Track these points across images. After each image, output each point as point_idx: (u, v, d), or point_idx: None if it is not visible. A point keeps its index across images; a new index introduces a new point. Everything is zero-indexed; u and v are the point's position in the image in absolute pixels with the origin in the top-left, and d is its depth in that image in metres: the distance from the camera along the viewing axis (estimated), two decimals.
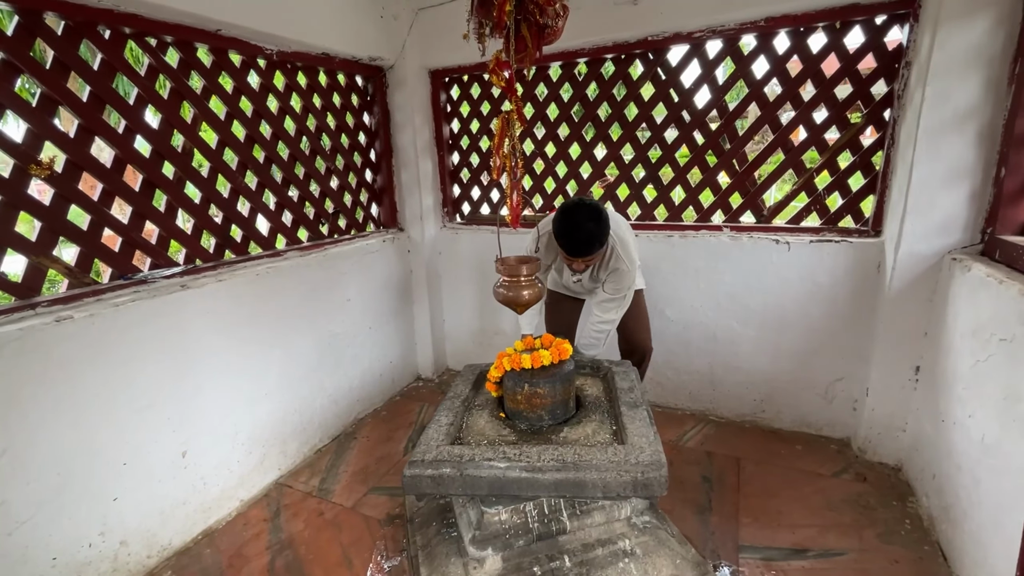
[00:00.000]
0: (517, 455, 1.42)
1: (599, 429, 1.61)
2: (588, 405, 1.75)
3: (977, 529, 1.50)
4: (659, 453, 1.41)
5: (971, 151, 1.81)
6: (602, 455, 1.40)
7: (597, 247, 1.84)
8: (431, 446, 1.51)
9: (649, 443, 1.45)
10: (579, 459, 1.39)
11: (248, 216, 2.29)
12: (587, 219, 1.80)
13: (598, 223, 1.81)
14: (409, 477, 1.43)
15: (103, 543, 1.67)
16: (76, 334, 1.57)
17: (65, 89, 1.64)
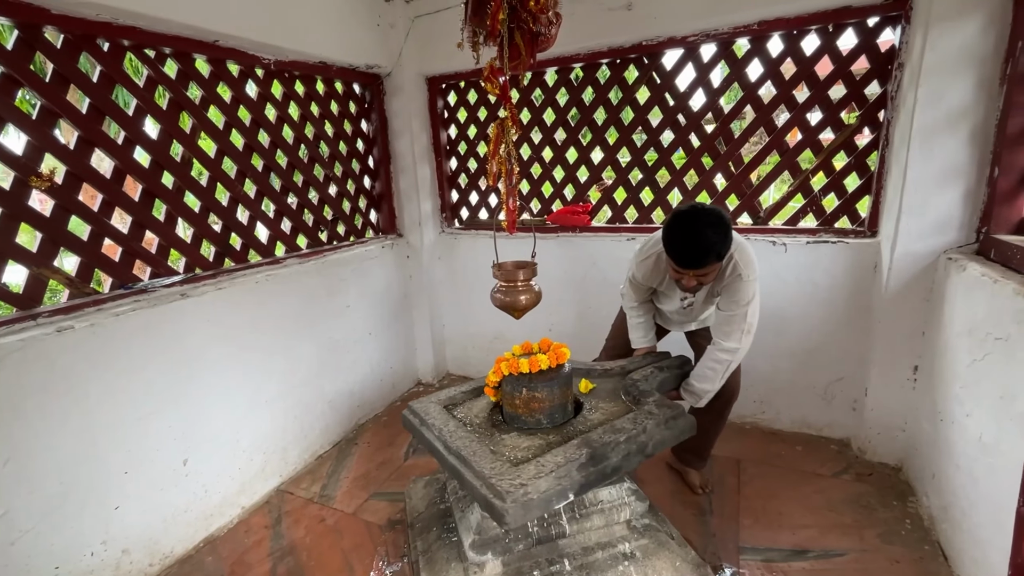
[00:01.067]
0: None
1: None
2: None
3: (976, 528, 1.50)
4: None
5: (964, 151, 1.82)
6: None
7: (715, 259, 1.60)
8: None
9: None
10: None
11: (247, 224, 2.30)
12: (707, 225, 1.57)
13: (720, 231, 1.57)
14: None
15: (105, 552, 1.68)
16: (78, 344, 1.58)
17: (65, 101, 1.66)
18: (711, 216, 1.58)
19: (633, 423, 1.48)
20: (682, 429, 1.52)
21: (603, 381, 1.88)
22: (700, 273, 1.64)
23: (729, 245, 1.60)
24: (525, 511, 1.22)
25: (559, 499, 1.28)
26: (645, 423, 1.46)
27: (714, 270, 1.66)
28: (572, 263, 2.81)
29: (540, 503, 1.24)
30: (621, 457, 1.38)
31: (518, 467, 1.35)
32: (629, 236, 2.66)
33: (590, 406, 1.69)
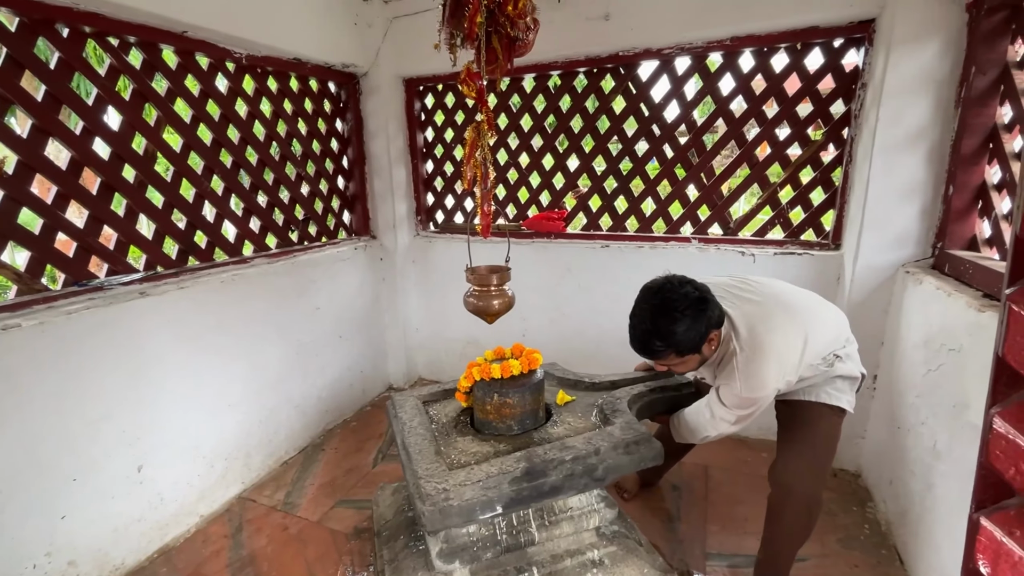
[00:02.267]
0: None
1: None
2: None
3: (930, 533, 1.55)
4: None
5: (922, 169, 1.90)
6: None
7: (663, 351, 1.37)
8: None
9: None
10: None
11: (213, 222, 2.23)
12: (663, 312, 1.33)
13: (667, 319, 1.32)
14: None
15: (49, 563, 1.58)
16: (24, 343, 1.49)
17: (19, 88, 1.58)
18: (664, 303, 1.33)
19: (586, 443, 1.47)
20: (643, 457, 1.43)
21: (586, 395, 1.88)
22: (660, 363, 1.45)
23: (695, 336, 1.33)
24: (443, 517, 1.22)
25: (484, 510, 1.27)
26: (599, 445, 1.45)
27: (683, 361, 1.42)
28: (546, 269, 2.81)
29: (461, 511, 1.24)
30: (563, 477, 1.36)
31: (452, 471, 1.35)
32: (603, 243, 2.68)
33: (558, 419, 1.68)
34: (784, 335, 1.41)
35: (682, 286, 1.37)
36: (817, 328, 1.45)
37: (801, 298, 1.53)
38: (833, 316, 1.54)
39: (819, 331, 1.46)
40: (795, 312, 1.46)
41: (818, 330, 1.45)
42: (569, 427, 1.64)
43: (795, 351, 1.41)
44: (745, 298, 1.51)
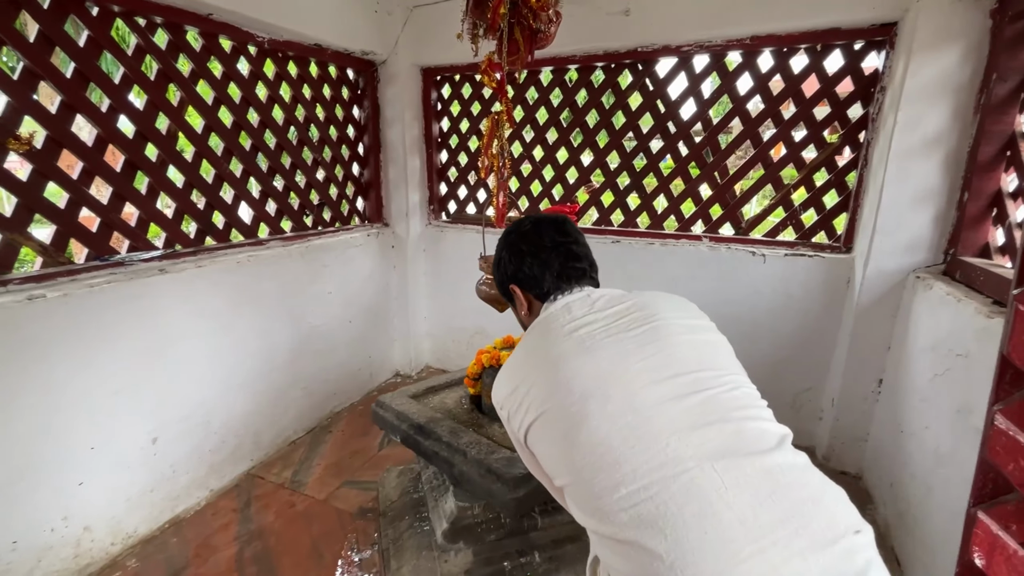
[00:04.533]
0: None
1: None
2: None
3: (928, 535, 1.57)
4: None
5: (937, 175, 1.90)
6: None
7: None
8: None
9: None
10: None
11: (231, 203, 2.27)
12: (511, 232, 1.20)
13: (504, 240, 1.19)
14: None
15: (66, 528, 1.64)
16: (48, 313, 1.54)
17: (49, 64, 1.61)
18: (512, 228, 1.18)
19: None
20: None
21: None
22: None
23: (501, 270, 1.17)
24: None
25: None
26: None
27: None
28: None
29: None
30: None
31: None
32: (614, 239, 2.69)
33: None
34: (525, 351, 1.00)
35: (530, 224, 1.16)
36: (562, 395, 0.86)
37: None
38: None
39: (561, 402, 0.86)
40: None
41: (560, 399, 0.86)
42: None
43: (508, 383, 0.98)
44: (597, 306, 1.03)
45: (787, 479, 0.75)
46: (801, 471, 0.78)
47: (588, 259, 1.14)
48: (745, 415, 0.82)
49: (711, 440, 0.78)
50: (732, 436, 0.79)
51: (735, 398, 0.84)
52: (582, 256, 1.12)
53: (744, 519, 0.70)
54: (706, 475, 0.74)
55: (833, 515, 0.74)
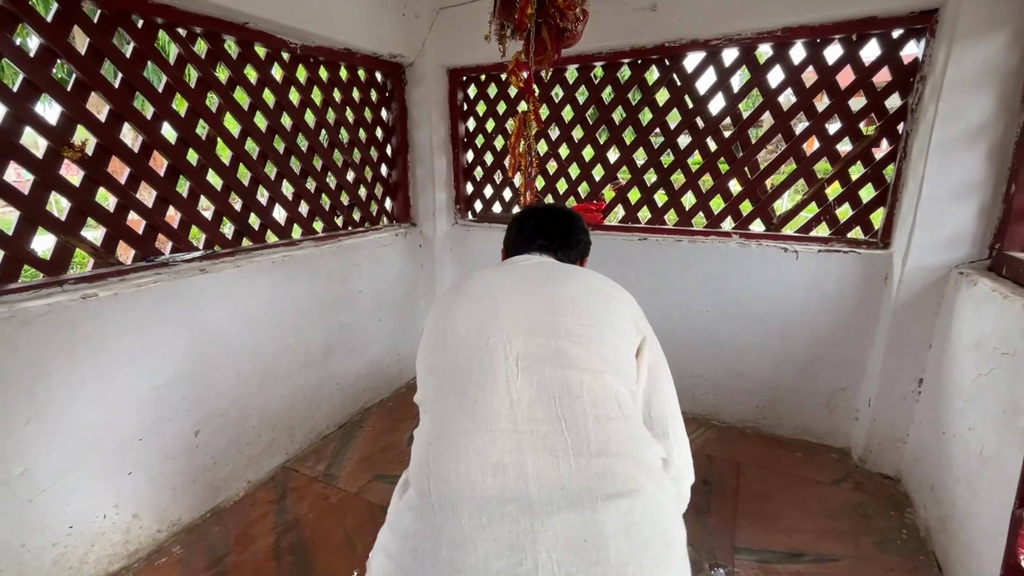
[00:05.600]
0: None
1: None
2: None
3: (972, 540, 1.52)
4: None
5: (982, 167, 1.82)
6: None
7: (577, 243, 1.38)
8: None
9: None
10: None
11: (266, 205, 2.34)
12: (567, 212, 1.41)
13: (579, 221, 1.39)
14: None
15: (117, 515, 1.73)
16: (100, 311, 1.63)
17: (99, 75, 1.70)
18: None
19: None
20: None
21: None
22: None
23: (585, 241, 1.36)
24: None
25: None
26: None
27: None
28: None
29: None
30: None
31: None
32: (641, 236, 2.67)
33: None
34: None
35: (529, 209, 1.38)
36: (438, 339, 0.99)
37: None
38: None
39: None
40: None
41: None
42: None
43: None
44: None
45: (582, 398, 0.80)
46: (610, 412, 0.82)
47: (557, 238, 1.26)
48: (574, 357, 0.86)
49: (528, 345, 0.86)
50: (552, 352, 0.85)
51: (580, 349, 0.88)
52: (550, 234, 1.26)
53: (516, 402, 0.79)
54: (506, 364, 0.84)
55: (613, 454, 0.77)
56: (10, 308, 1.44)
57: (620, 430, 0.80)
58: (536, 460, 0.74)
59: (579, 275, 1.06)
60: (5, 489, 1.45)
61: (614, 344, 0.92)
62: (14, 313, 1.43)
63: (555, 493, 0.71)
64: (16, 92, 1.52)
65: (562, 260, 1.24)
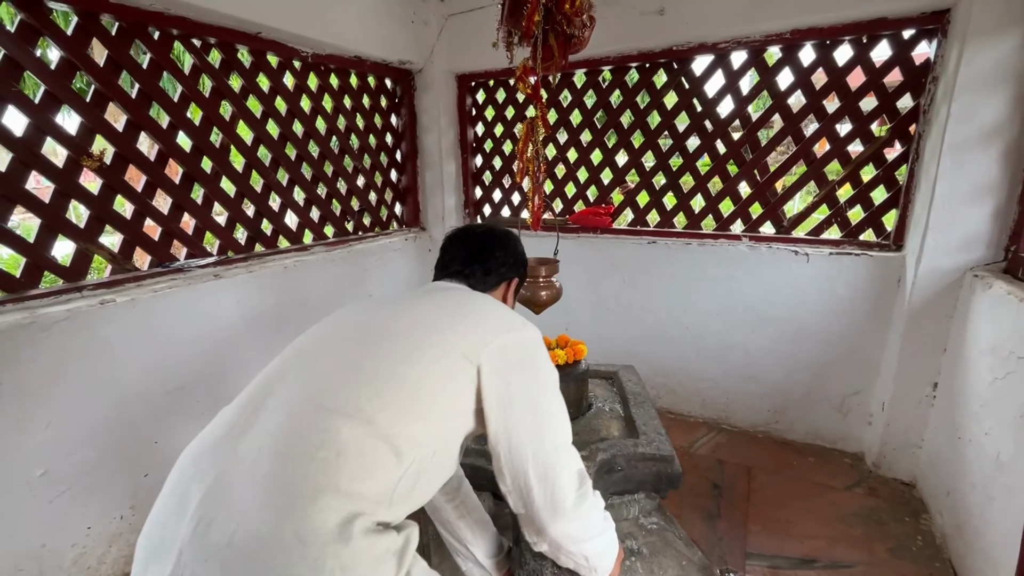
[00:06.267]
0: None
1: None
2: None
3: (989, 547, 1.49)
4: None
5: (996, 168, 1.80)
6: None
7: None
8: None
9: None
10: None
11: (278, 211, 2.38)
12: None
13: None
14: None
15: (133, 516, 1.76)
16: (118, 317, 1.66)
17: (117, 86, 1.74)
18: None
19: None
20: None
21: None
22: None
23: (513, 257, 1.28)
24: None
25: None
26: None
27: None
28: (591, 264, 2.83)
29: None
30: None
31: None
32: (650, 239, 2.67)
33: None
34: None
35: (452, 231, 1.35)
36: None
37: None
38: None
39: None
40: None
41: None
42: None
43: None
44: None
45: (326, 438, 0.78)
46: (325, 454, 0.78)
47: (469, 264, 1.22)
48: (337, 399, 0.84)
49: (313, 381, 0.87)
50: (317, 387, 0.86)
51: (355, 388, 0.85)
52: (464, 259, 1.23)
53: (237, 426, 0.85)
54: (266, 400, 0.88)
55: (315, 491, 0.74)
56: (32, 313, 1.48)
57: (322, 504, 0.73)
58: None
59: (430, 307, 1.01)
60: (26, 490, 1.49)
61: (405, 386, 0.86)
62: (36, 318, 1.47)
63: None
64: (38, 104, 1.57)
65: (477, 286, 1.19)
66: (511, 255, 1.25)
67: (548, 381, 1.00)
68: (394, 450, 0.80)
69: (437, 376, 0.89)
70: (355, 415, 0.80)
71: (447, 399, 0.90)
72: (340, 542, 0.71)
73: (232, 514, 0.72)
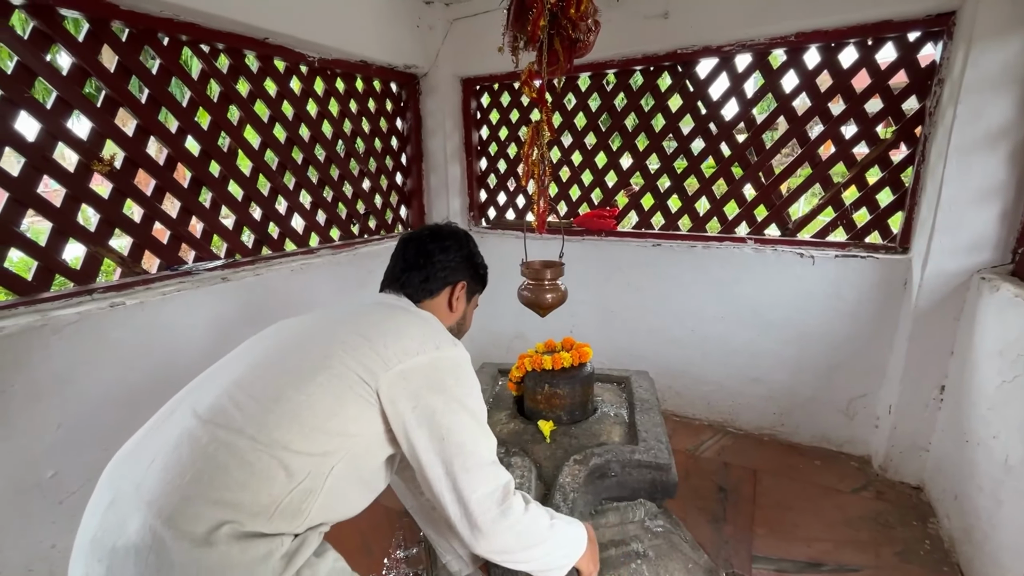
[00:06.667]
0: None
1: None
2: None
3: (998, 551, 1.48)
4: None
5: (1003, 170, 1.79)
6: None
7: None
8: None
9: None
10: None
11: (285, 214, 2.40)
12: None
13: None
14: None
15: None
16: (127, 319, 1.68)
17: (127, 91, 1.76)
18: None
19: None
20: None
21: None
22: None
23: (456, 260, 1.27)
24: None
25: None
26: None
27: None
28: (596, 267, 2.83)
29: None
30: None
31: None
32: (655, 242, 2.67)
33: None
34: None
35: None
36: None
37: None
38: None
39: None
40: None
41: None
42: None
43: None
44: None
45: (206, 451, 0.84)
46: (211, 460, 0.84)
47: (406, 272, 1.22)
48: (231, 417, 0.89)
49: (207, 396, 0.93)
50: (209, 402, 0.91)
51: (261, 411, 0.89)
52: (403, 266, 1.23)
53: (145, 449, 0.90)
54: (172, 412, 0.96)
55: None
56: (43, 316, 1.50)
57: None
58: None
59: (347, 327, 1.03)
60: (37, 491, 1.50)
61: (289, 407, 0.89)
62: (47, 321, 1.49)
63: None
64: (50, 109, 1.59)
65: (416, 295, 1.20)
66: (453, 257, 1.23)
67: (459, 401, 0.99)
68: (283, 466, 0.84)
69: (326, 399, 0.91)
70: (240, 430, 0.86)
71: (341, 422, 0.91)
72: (206, 546, 0.76)
73: (123, 520, 0.80)
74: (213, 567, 0.76)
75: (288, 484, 0.85)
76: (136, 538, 0.77)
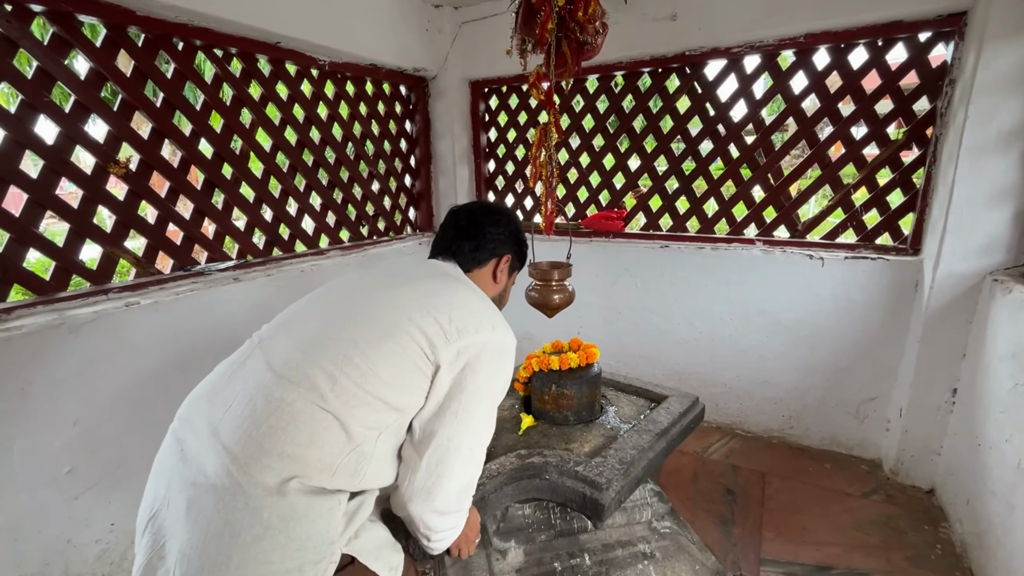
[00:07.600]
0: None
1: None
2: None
3: (1010, 557, 1.47)
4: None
5: (1015, 171, 1.78)
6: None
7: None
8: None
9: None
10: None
11: (295, 216, 2.43)
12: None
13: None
14: None
15: None
16: (142, 319, 1.71)
17: (142, 95, 1.80)
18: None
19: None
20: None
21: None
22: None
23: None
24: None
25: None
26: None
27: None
28: (604, 268, 2.84)
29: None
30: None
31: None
32: (663, 244, 2.67)
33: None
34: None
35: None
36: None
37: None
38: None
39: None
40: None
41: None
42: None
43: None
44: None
45: (279, 407, 0.89)
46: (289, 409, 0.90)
47: (457, 241, 1.25)
48: (320, 364, 0.94)
49: (281, 351, 0.98)
50: (283, 357, 0.96)
51: (342, 351, 0.96)
52: (454, 235, 1.26)
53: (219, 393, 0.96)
54: (256, 358, 0.99)
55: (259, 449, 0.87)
56: (61, 315, 1.53)
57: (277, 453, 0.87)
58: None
59: (408, 295, 1.06)
60: (53, 487, 1.54)
61: (356, 374, 0.94)
62: (64, 320, 1.52)
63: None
64: (68, 113, 1.63)
65: (466, 263, 1.24)
66: (503, 231, 1.27)
67: (489, 388, 1.05)
68: (343, 427, 0.91)
69: (388, 369, 0.96)
70: (311, 389, 0.91)
71: (397, 393, 0.97)
72: (278, 495, 0.84)
73: (202, 460, 0.87)
74: (285, 515, 0.84)
75: (347, 446, 0.92)
76: (215, 479, 0.84)
